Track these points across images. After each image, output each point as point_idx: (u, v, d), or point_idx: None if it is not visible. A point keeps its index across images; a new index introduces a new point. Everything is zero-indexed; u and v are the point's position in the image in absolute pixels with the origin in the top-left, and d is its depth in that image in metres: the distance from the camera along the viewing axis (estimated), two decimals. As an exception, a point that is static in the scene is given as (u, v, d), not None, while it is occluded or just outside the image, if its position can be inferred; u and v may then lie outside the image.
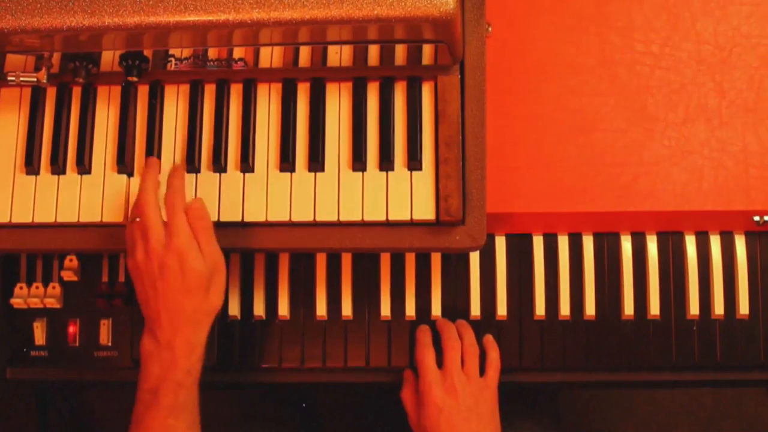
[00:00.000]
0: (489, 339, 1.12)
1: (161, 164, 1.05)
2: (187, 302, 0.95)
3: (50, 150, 1.06)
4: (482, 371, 1.09)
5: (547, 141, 1.11)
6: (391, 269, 1.14)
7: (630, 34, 1.13)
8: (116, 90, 1.07)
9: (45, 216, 1.04)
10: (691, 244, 1.13)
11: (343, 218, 1.02)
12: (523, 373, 1.14)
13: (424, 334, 1.11)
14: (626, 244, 1.14)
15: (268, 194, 1.04)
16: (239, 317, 1.15)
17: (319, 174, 1.04)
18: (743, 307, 1.12)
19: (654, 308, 1.12)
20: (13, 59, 1.03)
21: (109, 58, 1.05)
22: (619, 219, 1.11)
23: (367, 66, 1.05)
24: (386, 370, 1.15)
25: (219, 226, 1.02)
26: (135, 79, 1.04)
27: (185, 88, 1.07)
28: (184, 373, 0.95)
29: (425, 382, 1.05)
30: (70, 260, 1.15)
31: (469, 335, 1.10)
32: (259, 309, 1.14)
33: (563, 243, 1.14)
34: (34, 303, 1.15)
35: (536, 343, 1.14)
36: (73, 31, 0.93)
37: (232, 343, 1.14)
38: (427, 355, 1.07)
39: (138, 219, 0.98)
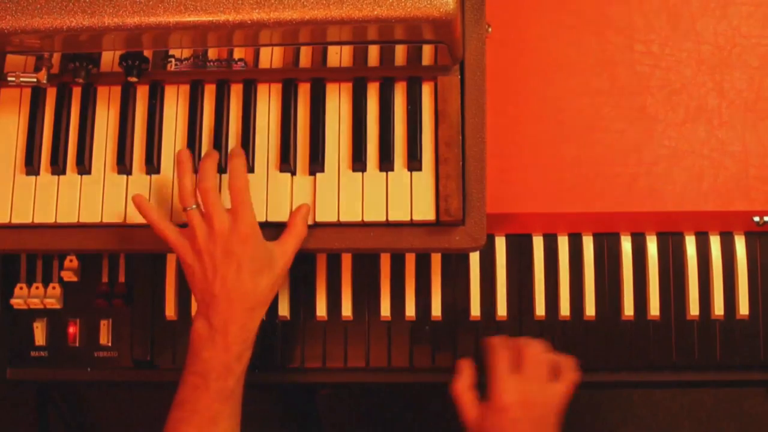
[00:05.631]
0: (571, 361, 1.09)
1: (164, 168, 1.06)
2: (248, 288, 0.96)
3: (50, 150, 1.06)
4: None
5: (547, 141, 1.11)
6: (391, 269, 1.14)
7: (630, 34, 1.13)
8: (116, 90, 1.07)
9: (45, 216, 1.04)
10: (691, 244, 1.13)
11: (343, 219, 1.02)
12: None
13: (501, 338, 1.07)
14: (626, 245, 1.14)
15: (267, 195, 1.04)
16: (239, 317, 1.15)
17: (318, 174, 1.04)
18: (743, 307, 1.12)
19: (654, 308, 1.12)
20: (13, 59, 1.03)
21: (109, 59, 1.05)
22: (619, 219, 1.11)
23: (367, 66, 1.05)
24: (386, 370, 1.15)
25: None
26: (135, 79, 1.04)
27: (185, 89, 1.07)
28: (236, 358, 0.96)
29: (499, 386, 1.01)
30: (70, 260, 1.15)
31: (539, 346, 1.06)
32: (259, 309, 1.14)
33: (563, 243, 1.14)
34: (34, 303, 1.15)
35: (536, 343, 1.14)
36: (73, 32, 0.93)
37: (232, 343, 1.14)
38: (503, 358, 1.04)
39: (194, 207, 0.98)
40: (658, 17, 1.13)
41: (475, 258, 1.14)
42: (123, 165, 1.05)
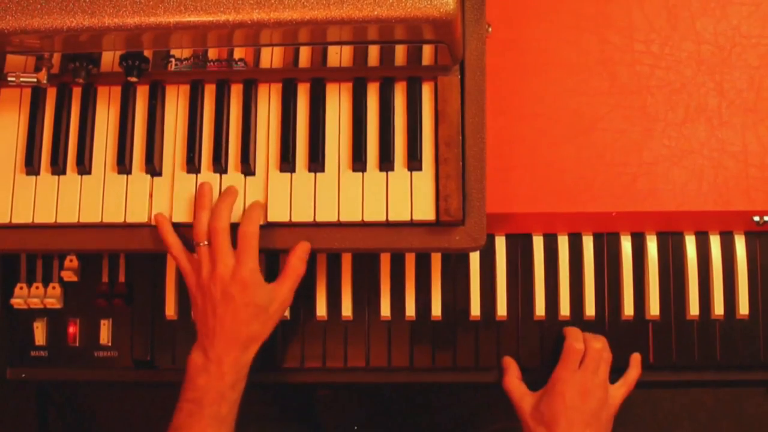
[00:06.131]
0: (636, 357, 1.12)
1: (164, 168, 1.06)
2: (243, 330, 0.99)
3: (50, 150, 1.06)
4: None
5: (547, 141, 1.11)
6: (391, 269, 1.14)
7: (630, 34, 1.13)
8: (116, 90, 1.08)
9: (45, 216, 1.04)
10: (691, 244, 1.13)
11: (343, 218, 1.02)
12: (523, 373, 1.13)
13: (576, 330, 1.11)
14: (626, 244, 1.14)
15: (268, 195, 1.04)
16: (239, 317, 1.15)
17: (319, 174, 1.04)
18: (743, 307, 1.12)
19: (654, 308, 1.12)
20: (13, 60, 1.03)
21: (110, 59, 1.05)
22: (619, 219, 1.11)
23: (367, 66, 1.05)
24: (386, 370, 1.15)
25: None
26: (135, 79, 1.04)
27: (185, 89, 1.07)
28: (229, 387, 0.98)
29: (560, 374, 1.06)
30: (70, 260, 1.15)
31: (605, 342, 1.10)
32: (259, 309, 1.14)
33: (563, 243, 1.14)
34: (34, 303, 1.15)
35: (536, 343, 1.14)
36: (74, 32, 0.93)
37: (232, 343, 1.14)
38: (577, 351, 1.08)
39: (205, 243, 1.00)
40: (658, 17, 1.13)
41: (475, 258, 1.14)
42: (123, 165, 1.05)
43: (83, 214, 1.05)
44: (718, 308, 1.12)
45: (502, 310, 1.14)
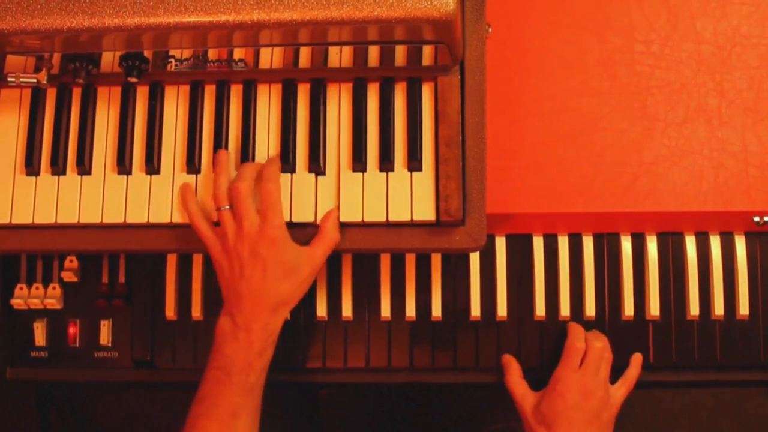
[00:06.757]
0: (637, 357, 1.12)
1: (164, 169, 1.06)
2: (272, 290, 0.97)
3: (50, 151, 1.06)
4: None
5: (547, 141, 1.11)
6: (391, 269, 1.14)
7: (630, 34, 1.13)
8: (116, 91, 1.07)
9: (45, 217, 1.04)
10: (691, 244, 1.13)
11: (343, 219, 1.02)
12: (524, 373, 1.14)
13: (579, 328, 1.11)
14: (626, 245, 1.14)
15: (268, 195, 1.04)
16: (239, 317, 1.15)
17: (319, 175, 1.04)
18: (743, 308, 1.12)
19: (654, 308, 1.12)
20: (13, 60, 1.03)
21: (109, 59, 1.05)
22: (619, 219, 1.11)
23: (368, 67, 1.05)
24: (386, 370, 1.15)
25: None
26: (135, 79, 1.04)
27: (185, 89, 1.07)
28: (257, 354, 0.97)
29: (562, 374, 1.07)
30: (70, 261, 1.16)
31: (606, 342, 1.11)
32: (259, 309, 1.14)
33: (563, 243, 1.14)
34: (35, 304, 1.15)
35: (536, 343, 1.14)
36: (74, 32, 0.93)
37: (232, 343, 1.14)
38: (578, 350, 1.08)
39: (227, 207, 0.99)
40: (658, 17, 1.13)
41: (475, 258, 1.14)
42: (123, 165, 1.05)
43: (83, 214, 1.05)
44: (718, 308, 1.12)
45: (502, 310, 1.14)
